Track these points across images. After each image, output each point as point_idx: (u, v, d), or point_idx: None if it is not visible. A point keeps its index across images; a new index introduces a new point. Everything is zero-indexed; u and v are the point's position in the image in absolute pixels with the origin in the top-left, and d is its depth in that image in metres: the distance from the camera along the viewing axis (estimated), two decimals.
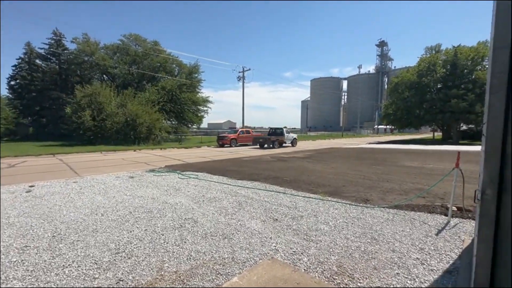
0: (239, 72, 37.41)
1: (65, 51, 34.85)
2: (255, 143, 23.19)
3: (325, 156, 15.94)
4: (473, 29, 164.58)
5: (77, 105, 23.18)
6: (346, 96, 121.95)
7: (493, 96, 1.72)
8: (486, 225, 1.77)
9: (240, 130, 26.29)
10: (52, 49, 34.40)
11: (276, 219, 4.66)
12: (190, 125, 37.30)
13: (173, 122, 34.64)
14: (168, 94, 30.70)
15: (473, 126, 32.68)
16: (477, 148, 20.08)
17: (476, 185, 3.67)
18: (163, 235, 3.96)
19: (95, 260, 3.24)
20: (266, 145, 22.36)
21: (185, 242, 3.70)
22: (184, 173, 9.34)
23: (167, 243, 3.69)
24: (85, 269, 3.06)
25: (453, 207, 4.90)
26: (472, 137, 32.75)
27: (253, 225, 4.36)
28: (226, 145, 23.69)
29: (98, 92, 23.99)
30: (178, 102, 31.68)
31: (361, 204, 5.58)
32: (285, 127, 26.59)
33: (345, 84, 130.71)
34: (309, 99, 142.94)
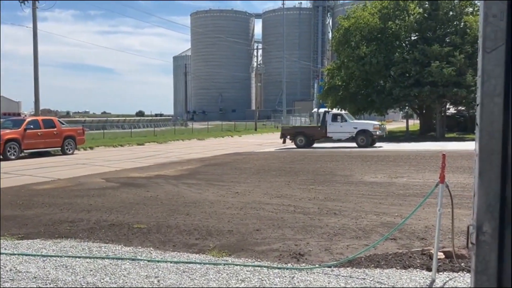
0: None
1: None
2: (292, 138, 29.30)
3: (222, 171, 16.35)
4: None
5: None
6: (260, 52, 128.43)
7: (487, 57, 1.99)
8: (484, 286, 2.04)
9: (29, 119, 26.05)
10: None
11: None
12: None
13: None
14: None
15: (463, 108, 40.00)
16: (470, 145, 24.70)
17: (471, 209, 4.35)
18: None
19: None
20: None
21: None
22: None
23: None
24: None
25: (440, 253, 5.75)
26: (464, 127, 40.10)
27: None
28: None
29: None
30: None
31: (289, 265, 5.90)
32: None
33: (258, 27, 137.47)
34: (189, 54, 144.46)
